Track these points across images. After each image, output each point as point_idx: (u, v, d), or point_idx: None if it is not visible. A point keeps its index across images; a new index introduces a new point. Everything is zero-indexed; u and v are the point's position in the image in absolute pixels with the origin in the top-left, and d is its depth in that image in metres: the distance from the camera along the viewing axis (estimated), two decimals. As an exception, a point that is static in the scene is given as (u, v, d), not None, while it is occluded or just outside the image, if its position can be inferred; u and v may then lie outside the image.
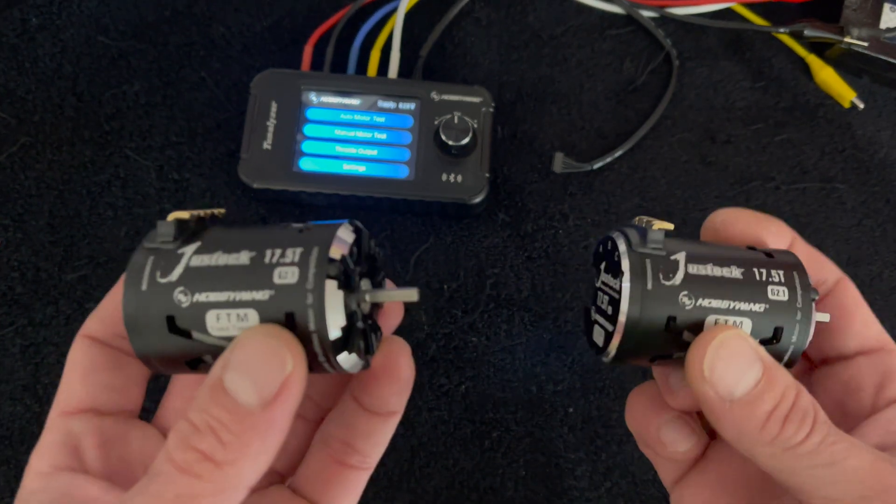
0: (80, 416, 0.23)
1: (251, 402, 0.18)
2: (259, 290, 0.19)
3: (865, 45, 0.45)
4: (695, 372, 0.21)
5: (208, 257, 0.20)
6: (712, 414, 0.21)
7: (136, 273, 0.20)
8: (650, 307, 0.22)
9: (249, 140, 0.41)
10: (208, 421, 0.18)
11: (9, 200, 0.42)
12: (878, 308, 0.42)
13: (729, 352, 0.21)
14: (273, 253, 0.20)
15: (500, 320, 0.41)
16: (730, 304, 0.22)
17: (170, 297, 0.20)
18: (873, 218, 0.44)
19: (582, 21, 0.47)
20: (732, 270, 0.22)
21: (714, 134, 0.45)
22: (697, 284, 0.22)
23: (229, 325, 0.19)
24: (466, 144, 0.41)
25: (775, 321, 0.22)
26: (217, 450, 0.18)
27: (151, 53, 0.45)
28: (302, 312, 0.19)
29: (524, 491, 0.39)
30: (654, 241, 0.22)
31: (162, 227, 0.21)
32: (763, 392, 0.21)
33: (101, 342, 0.23)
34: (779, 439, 0.21)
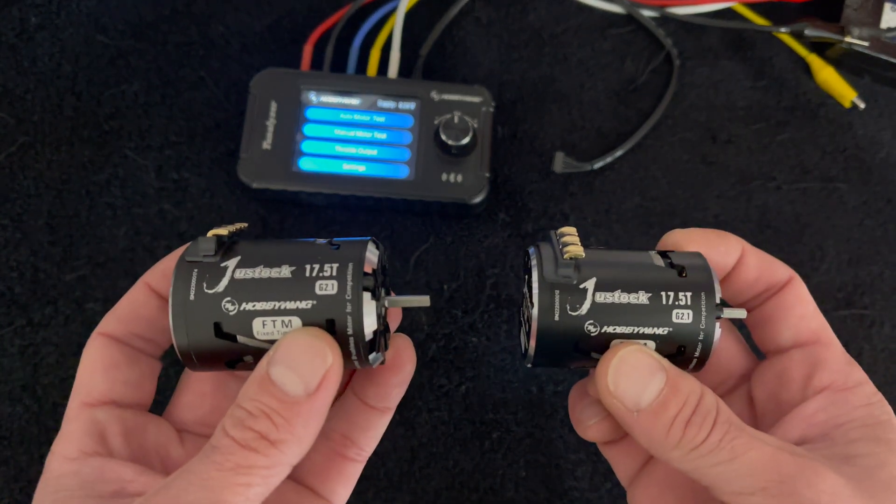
0: (104, 408, 0.24)
1: (298, 391, 0.21)
2: (302, 301, 0.22)
3: (866, 45, 0.44)
4: (602, 388, 0.23)
5: (251, 270, 0.23)
6: (623, 424, 0.23)
7: (183, 283, 0.23)
8: (557, 335, 0.24)
9: (249, 140, 0.41)
10: (261, 407, 0.21)
11: (7, 200, 0.42)
12: (879, 308, 0.42)
13: (630, 367, 0.23)
14: (312, 268, 0.23)
15: (500, 320, 0.41)
16: (634, 329, 0.24)
17: (218, 306, 0.22)
18: (874, 218, 0.44)
19: (582, 20, 0.47)
20: (640, 296, 0.24)
21: (715, 133, 0.45)
22: (603, 313, 0.24)
23: (274, 331, 0.22)
24: (466, 144, 0.40)
25: (678, 341, 0.24)
26: (271, 431, 0.21)
27: (150, 53, 0.45)
28: (342, 319, 0.22)
29: (524, 492, 0.39)
30: (565, 271, 0.24)
31: (203, 243, 0.23)
32: (667, 400, 0.22)
33: (118, 339, 0.25)
34: (682, 442, 0.22)
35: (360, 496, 0.39)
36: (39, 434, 0.38)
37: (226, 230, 0.24)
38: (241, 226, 0.25)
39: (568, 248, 0.24)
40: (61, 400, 0.39)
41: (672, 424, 0.22)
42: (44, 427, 0.38)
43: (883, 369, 0.42)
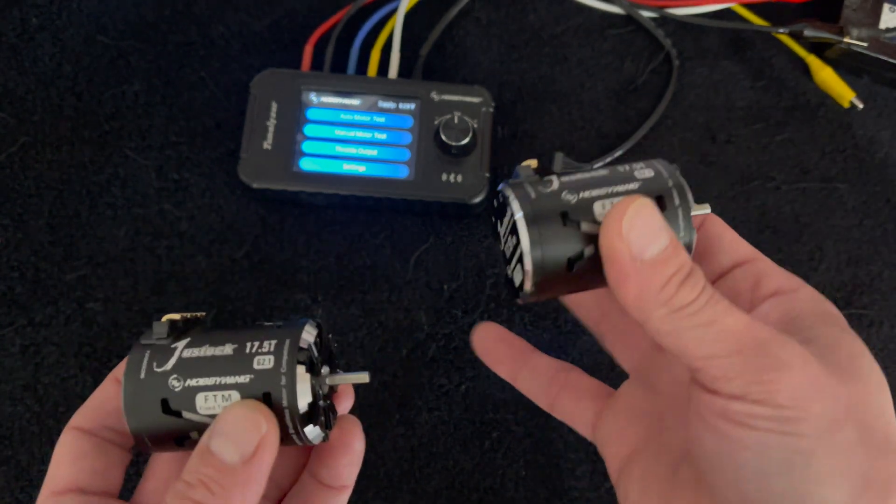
0: (69, 495, 0.25)
1: (233, 459, 0.22)
2: (241, 375, 0.24)
3: (865, 46, 0.45)
4: (612, 230, 0.23)
5: (198, 350, 0.24)
6: (620, 272, 0.23)
7: (136, 365, 0.24)
8: (541, 212, 0.24)
9: (249, 140, 0.41)
10: (199, 477, 0.22)
11: (8, 200, 0.42)
12: (879, 308, 0.42)
13: (645, 216, 0.23)
14: (252, 345, 0.24)
15: (500, 320, 0.41)
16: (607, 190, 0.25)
17: (165, 383, 0.24)
18: (874, 218, 0.44)
19: (582, 21, 0.47)
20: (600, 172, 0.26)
21: (714, 134, 0.45)
22: (573, 184, 0.25)
23: (215, 405, 0.24)
24: (466, 144, 0.41)
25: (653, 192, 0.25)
26: (207, 498, 0.22)
27: (151, 53, 0.45)
28: (277, 391, 0.23)
29: (524, 491, 0.39)
30: (526, 174, 0.26)
31: (157, 327, 0.25)
32: (669, 257, 0.23)
33: (87, 431, 0.26)
34: (673, 300, 0.22)
35: (360, 496, 0.39)
36: (41, 434, 0.38)
37: (179, 315, 0.25)
38: (199, 314, 0.26)
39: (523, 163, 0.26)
40: (62, 400, 0.39)
41: (668, 281, 0.23)
42: (45, 427, 0.39)
43: (883, 369, 0.42)
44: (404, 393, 0.40)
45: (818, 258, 0.43)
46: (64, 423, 0.35)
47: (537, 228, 0.24)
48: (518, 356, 0.33)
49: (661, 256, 0.23)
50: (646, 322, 0.23)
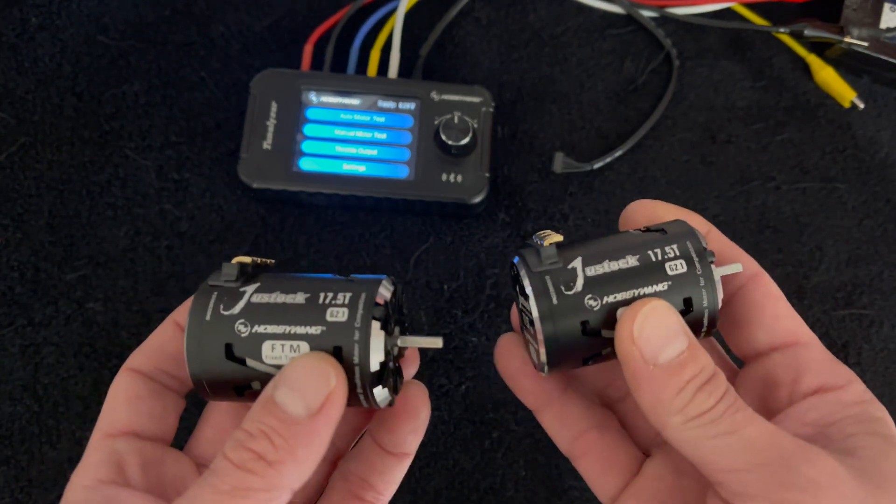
0: (124, 438, 0.24)
1: (299, 412, 0.21)
2: (312, 326, 0.22)
3: (866, 45, 0.45)
4: (624, 334, 0.22)
5: (268, 296, 0.23)
6: (634, 377, 0.22)
7: (202, 305, 0.23)
8: (561, 320, 0.23)
9: (249, 140, 0.41)
10: (261, 427, 0.21)
11: (8, 200, 0.42)
12: (879, 308, 0.42)
13: (657, 319, 0.22)
14: (326, 295, 0.23)
15: (500, 320, 0.41)
16: (634, 293, 0.23)
17: (231, 327, 0.23)
18: (874, 218, 0.44)
19: (582, 21, 0.47)
20: (628, 260, 0.24)
21: (714, 134, 0.45)
22: (598, 284, 0.23)
23: (282, 355, 0.22)
24: (466, 144, 0.41)
25: (682, 293, 0.24)
26: (269, 451, 0.21)
27: (151, 53, 0.45)
28: (349, 346, 0.22)
29: (524, 491, 0.39)
30: (548, 256, 0.24)
31: (226, 269, 0.24)
32: (686, 362, 0.22)
33: (144, 374, 0.25)
34: (689, 407, 0.21)
35: (360, 496, 0.39)
36: (40, 434, 0.38)
37: (250, 259, 0.24)
38: (268, 261, 0.26)
39: (545, 237, 0.24)
40: (62, 400, 0.39)
41: (684, 387, 0.22)
42: (44, 427, 0.39)
43: (883, 369, 0.42)
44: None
45: (818, 258, 0.43)
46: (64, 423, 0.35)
47: (554, 335, 0.23)
48: (546, 390, 0.28)
49: (676, 361, 0.22)
50: (662, 429, 0.22)
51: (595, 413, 0.28)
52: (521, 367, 0.28)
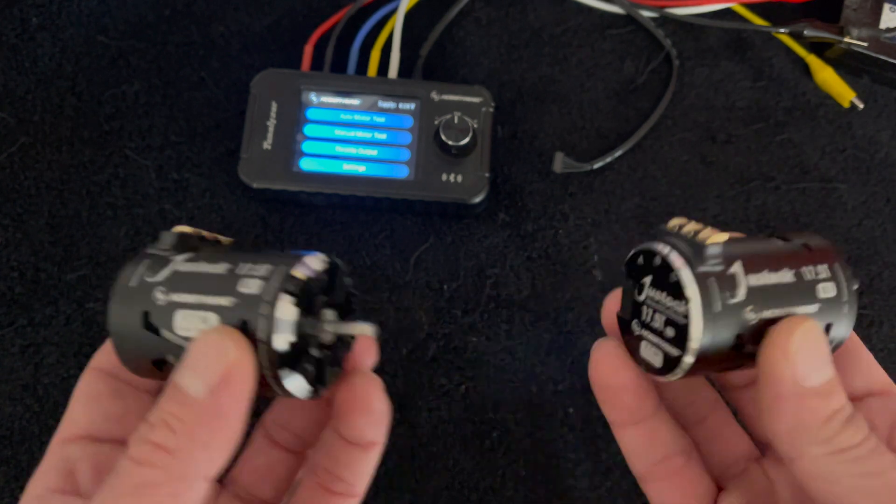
0: (78, 442, 0.23)
1: (198, 391, 0.19)
2: (224, 297, 0.21)
3: (865, 45, 0.45)
4: (776, 351, 0.21)
5: (193, 265, 0.22)
6: (778, 397, 0.21)
7: (131, 271, 0.22)
8: (720, 330, 0.21)
9: (249, 140, 0.41)
10: (162, 416, 0.19)
11: (8, 200, 0.42)
12: (879, 308, 0.42)
13: (813, 340, 0.21)
14: (245, 266, 0.21)
15: (500, 320, 0.41)
16: (787, 311, 0.22)
17: (149, 294, 0.21)
18: (873, 218, 0.44)
19: (582, 21, 0.47)
20: (784, 274, 0.22)
21: (714, 134, 0.45)
22: (759, 296, 0.22)
23: (191, 327, 0.21)
24: (466, 144, 0.41)
25: (826, 318, 0.22)
26: (168, 438, 0.19)
27: (151, 53, 0.45)
28: (254, 320, 0.20)
29: (524, 491, 0.39)
30: (713, 256, 0.22)
31: (164, 237, 0.23)
32: (833, 391, 0.21)
33: (106, 372, 0.24)
34: (836, 439, 0.20)
35: (360, 495, 0.39)
36: (41, 434, 0.38)
37: (191, 229, 0.23)
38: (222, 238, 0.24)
39: (701, 234, 0.22)
40: (62, 400, 0.39)
41: (833, 416, 0.20)
42: (45, 427, 0.39)
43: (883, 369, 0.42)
44: (404, 393, 0.40)
45: (818, 258, 0.43)
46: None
47: (708, 346, 0.21)
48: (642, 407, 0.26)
49: (826, 387, 0.21)
50: (797, 459, 0.21)
51: (682, 438, 0.27)
52: (625, 380, 0.25)
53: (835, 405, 0.21)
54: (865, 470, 0.20)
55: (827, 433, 0.20)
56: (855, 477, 0.20)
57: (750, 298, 0.21)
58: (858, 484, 0.20)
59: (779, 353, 0.21)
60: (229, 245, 0.24)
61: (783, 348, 0.21)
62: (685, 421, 0.28)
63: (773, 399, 0.21)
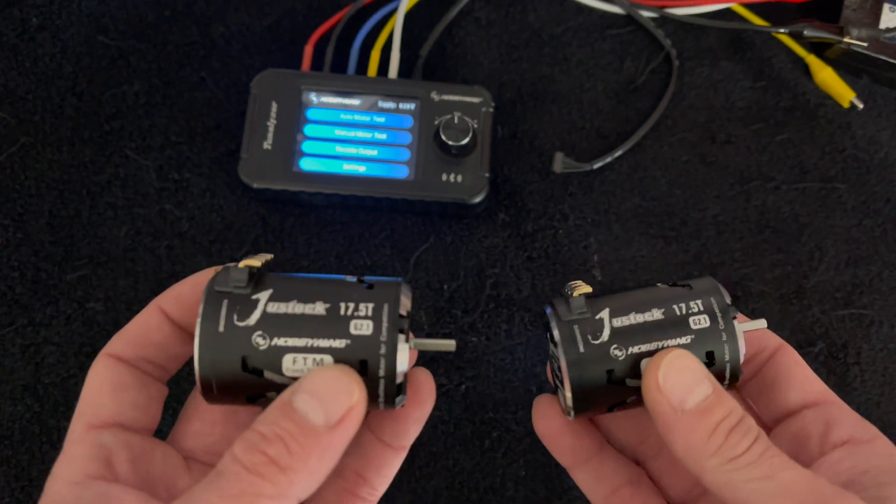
0: (111, 430, 0.24)
1: (319, 421, 0.21)
2: (336, 339, 0.22)
3: (865, 46, 0.45)
4: (650, 384, 0.23)
5: (284, 305, 0.22)
6: (664, 425, 0.23)
7: (212, 314, 0.22)
8: (587, 367, 0.24)
9: (249, 140, 0.41)
10: (277, 431, 0.20)
11: (9, 200, 0.42)
12: (879, 308, 0.42)
13: (681, 366, 0.23)
14: (347, 306, 0.22)
15: (500, 320, 0.41)
16: (658, 345, 0.24)
17: (247, 340, 0.22)
18: (873, 218, 0.44)
19: (582, 21, 0.47)
20: (654, 313, 0.25)
21: (714, 134, 0.45)
22: (624, 335, 0.24)
23: (304, 367, 0.22)
24: (466, 144, 0.41)
25: (705, 346, 0.25)
26: (283, 456, 0.20)
27: (151, 53, 0.45)
28: (375, 360, 0.22)
29: (524, 491, 0.39)
30: (578, 307, 0.25)
31: (235, 273, 0.23)
32: (712, 406, 0.23)
33: (126, 362, 0.25)
34: (723, 449, 0.22)
35: (360, 495, 0.39)
36: (41, 434, 0.38)
37: (258, 261, 0.24)
38: (268, 257, 0.25)
39: (575, 289, 0.25)
40: (62, 400, 0.39)
41: (715, 430, 0.22)
42: (45, 427, 0.39)
43: (882, 369, 0.42)
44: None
45: (818, 258, 0.43)
46: (65, 422, 0.35)
47: (580, 382, 0.24)
48: (584, 448, 0.29)
49: (703, 405, 0.22)
50: (700, 474, 0.22)
51: (629, 469, 0.29)
52: (560, 426, 0.28)
53: (716, 418, 0.22)
54: (759, 474, 0.21)
55: (713, 446, 0.22)
56: (751, 482, 0.21)
57: (614, 338, 0.24)
58: (755, 487, 0.21)
59: (652, 387, 0.23)
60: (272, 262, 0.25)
61: (654, 381, 0.23)
62: (642, 457, 0.30)
63: (662, 428, 0.23)
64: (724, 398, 0.23)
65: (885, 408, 0.41)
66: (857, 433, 0.25)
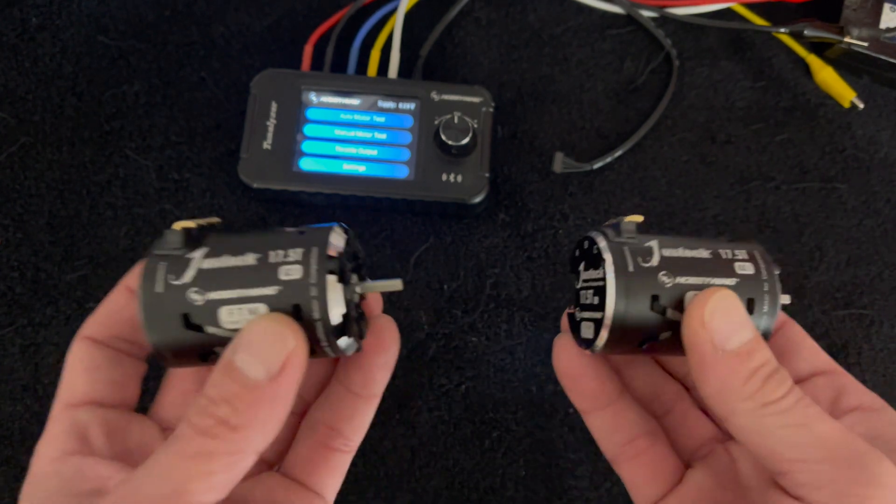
0: (85, 408, 0.24)
1: (259, 375, 0.21)
2: (268, 287, 0.22)
3: (865, 45, 0.45)
4: (693, 320, 0.23)
5: (217, 260, 0.23)
6: (701, 363, 0.23)
7: (150, 277, 0.23)
8: (634, 289, 0.24)
9: (249, 140, 0.41)
10: (222, 394, 0.21)
11: (9, 200, 0.42)
12: (879, 308, 0.42)
13: (727, 306, 0.23)
14: (276, 254, 0.22)
15: (500, 320, 0.41)
16: (704, 280, 0.24)
17: (184, 297, 0.22)
18: (873, 218, 0.44)
19: (582, 21, 0.47)
20: (701, 252, 0.25)
21: (714, 134, 0.45)
22: (673, 264, 0.24)
23: (240, 319, 0.22)
24: (466, 144, 0.41)
25: (746, 293, 0.24)
26: (231, 416, 0.21)
27: (151, 53, 0.45)
28: (307, 303, 0.22)
29: (524, 491, 0.39)
30: (628, 230, 0.25)
31: (170, 236, 0.23)
32: (753, 350, 0.22)
33: (100, 342, 0.25)
34: (759, 394, 0.22)
35: (360, 495, 0.39)
36: (41, 433, 0.38)
37: (194, 223, 0.24)
38: (212, 220, 0.25)
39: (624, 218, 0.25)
40: (62, 399, 0.39)
41: (754, 374, 0.22)
42: (44, 426, 0.39)
43: (882, 369, 0.42)
44: (404, 393, 0.40)
45: (818, 258, 0.43)
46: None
47: (624, 304, 0.24)
48: (604, 392, 0.29)
49: (745, 348, 0.22)
50: (729, 416, 0.22)
51: (647, 421, 0.29)
52: (582, 366, 0.28)
53: (755, 363, 0.22)
54: (792, 421, 0.22)
55: (750, 390, 0.22)
56: (783, 428, 0.22)
57: (663, 264, 0.24)
58: (785, 434, 0.21)
59: (696, 322, 0.23)
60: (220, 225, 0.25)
61: (699, 317, 0.23)
62: (653, 412, 0.30)
63: (698, 365, 0.23)
64: (764, 346, 0.23)
65: (886, 408, 0.41)
66: (867, 401, 0.25)
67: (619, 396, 0.29)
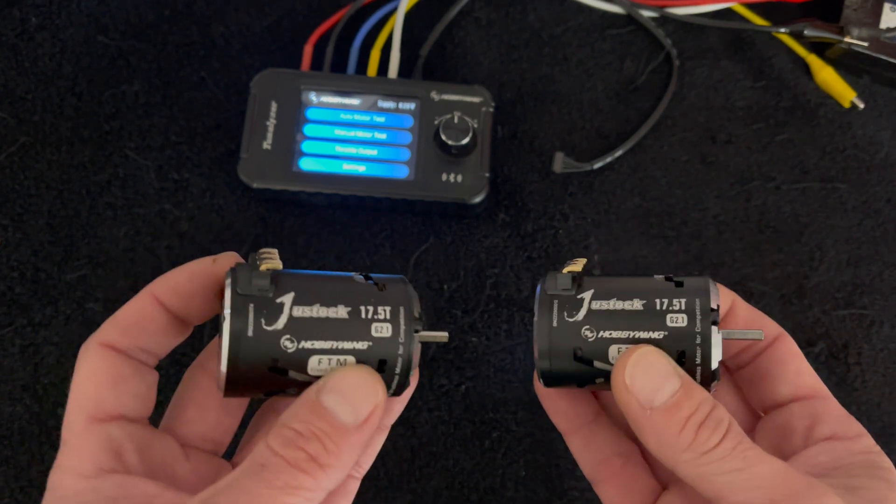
0: (115, 423, 0.24)
1: (349, 420, 0.22)
2: (359, 342, 0.24)
3: (866, 45, 0.45)
4: (618, 383, 0.24)
5: (309, 309, 0.24)
6: (635, 423, 0.24)
7: (242, 319, 0.23)
8: (556, 342, 0.26)
9: (249, 140, 0.41)
10: (313, 430, 0.22)
11: (8, 200, 0.42)
12: (879, 308, 0.42)
13: (647, 364, 0.24)
14: (367, 309, 0.24)
15: (500, 320, 0.41)
16: (630, 334, 0.25)
17: (276, 343, 0.23)
18: (874, 218, 0.44)
19: (582, 21, 0.47)
20: (634, 303, 0.25)
21: (714, 134, 0.45)
22: (599, 318, 0.25)
23: (328, 367, 0.24)
24: (466, 144, 0.41)
25: (678, 346, 0.25)
26: (322, 454, 0.22)
27: (151, 53, 0.45)
28: (393, 360, 0.24)
29: (524, 491, 0.39)
30: (563, 283, 0.26)
31: (258, 279, 0.24)
32: (680, 402, 0.23)
33: (122, 352, 0.25)
34: (694, 444, 0.22)
35: (360, 496, 0.39)
36: (40, 434, 0.38)
37: (279, 263, 0.24)
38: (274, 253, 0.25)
39: (568, 265, 0.26)
40: (62, 400, 0.39)
41: (685, 425, 0.22)
42: (44, 427, 0.39)
43: (883, 369, 0.42)
44: None
45: (818, 258, 0.43)
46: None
47: (549, 357, 0.26)
48: (579, 415, 0.30)
49: (671, 402, 0.23)
50: (674, 468, 0.23)
51: (621, 442, 0.29)
52: (559, 390, 0.29)
53: (684, 414, 0.23)
54: (730, 467, 0.22)
55: (685, 441, 0.22)
56: (724, 474, 0.22)
57: (588, 319, 0.25)
58: (729, 480, 0.22)
59: (621, 388, 0.24)
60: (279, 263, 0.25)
61: (622, 382, 0.24)
62: (631, 434, 0.30)
63: (633, 424, 0.24)
64: (693, 392, 0.23)
65: (886, 408, 0.41)
66: (841, 430, 0.26)
67: (595, 418, 0.30)
